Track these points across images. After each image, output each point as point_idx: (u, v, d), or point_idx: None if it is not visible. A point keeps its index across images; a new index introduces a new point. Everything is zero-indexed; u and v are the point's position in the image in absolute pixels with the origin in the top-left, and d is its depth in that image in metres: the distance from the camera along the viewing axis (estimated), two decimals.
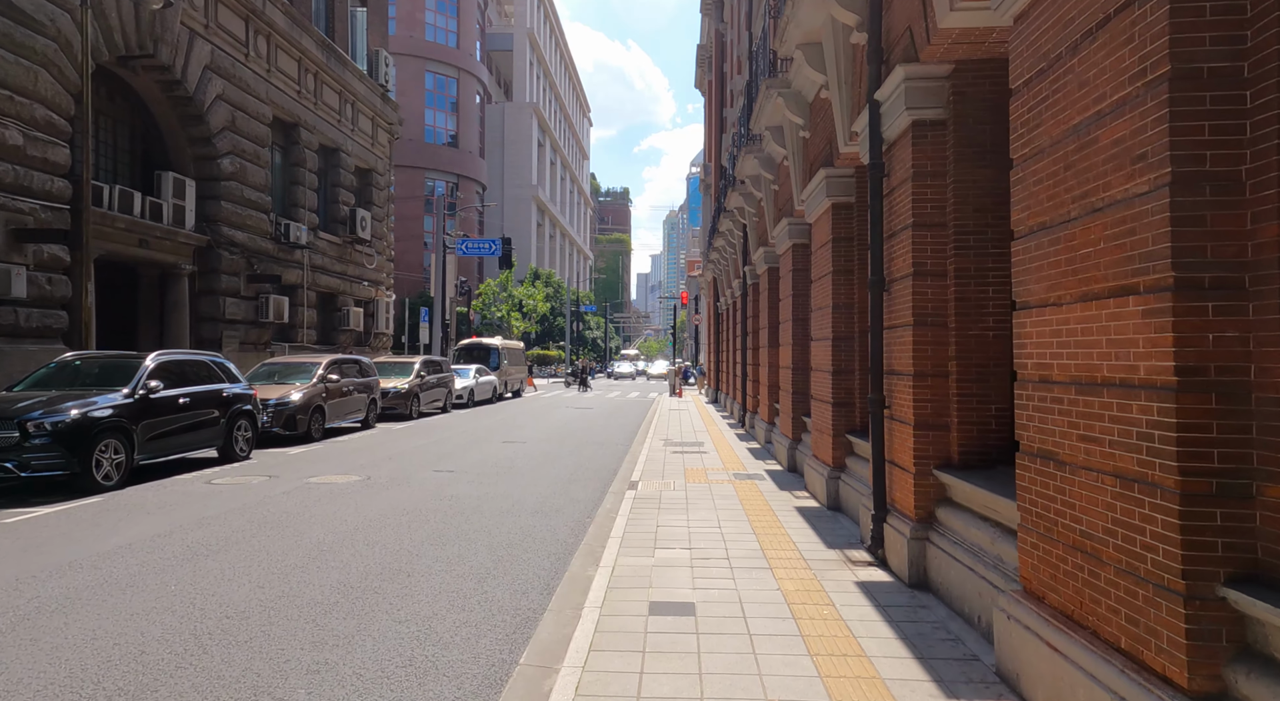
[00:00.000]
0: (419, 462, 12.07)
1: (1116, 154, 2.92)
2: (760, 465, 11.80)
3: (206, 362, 11.73)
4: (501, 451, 13.65)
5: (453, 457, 12.71)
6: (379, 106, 26.99)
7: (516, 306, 57.74)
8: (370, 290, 26.47)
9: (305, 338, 22.12)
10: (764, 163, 12.32)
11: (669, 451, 13.37)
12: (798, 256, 11.11)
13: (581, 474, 11.17)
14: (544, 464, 12.15)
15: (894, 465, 5.83)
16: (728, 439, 15.69)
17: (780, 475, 10.75)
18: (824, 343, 8.63)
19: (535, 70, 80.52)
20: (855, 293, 8.22)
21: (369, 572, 5.92)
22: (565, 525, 7.72)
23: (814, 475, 8.88)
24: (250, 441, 12.40)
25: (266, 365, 16.12)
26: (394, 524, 7.66)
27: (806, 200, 9.29)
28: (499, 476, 10.82)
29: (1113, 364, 2.94)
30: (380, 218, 27.48)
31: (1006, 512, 4.29)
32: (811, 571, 5.74)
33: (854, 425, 8.22)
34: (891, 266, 5.90)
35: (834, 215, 8.28)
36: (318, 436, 15.07)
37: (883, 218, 6.05)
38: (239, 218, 18.60)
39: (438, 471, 11.20)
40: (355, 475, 10.73)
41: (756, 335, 16.45)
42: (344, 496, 9.10)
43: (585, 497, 9.29)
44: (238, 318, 18.61)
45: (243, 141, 18.69)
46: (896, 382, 5.74)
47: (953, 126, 5.31)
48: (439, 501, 8.88)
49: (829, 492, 8.21)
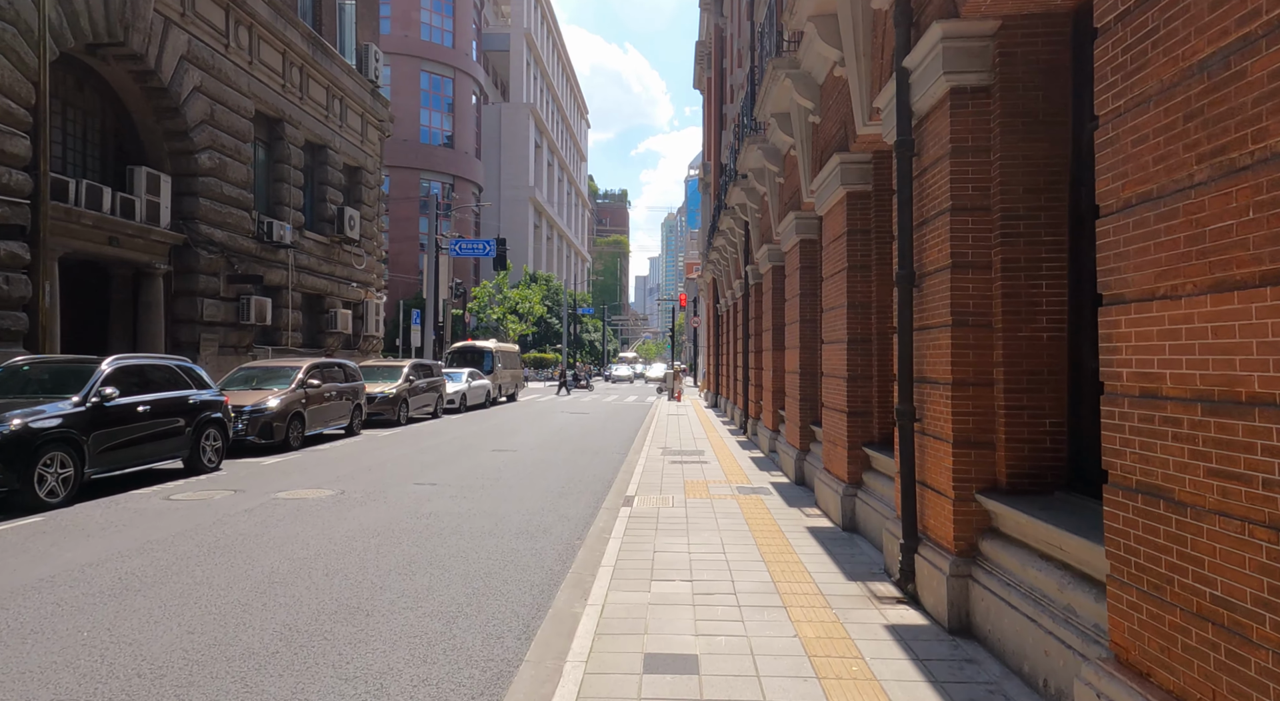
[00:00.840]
0: (400, 474, 11.28)
1: (1273, 91, 2.16)
2: (765, 477, 11.02)
3: (171, 367, 10.94)
4: (490, 461, 12.86)
5: (437, 468, 11.92)
6: (369, 103, 26.23)
7: (512, 309, 56.94)
8: (359, 291, 25.69)
9: (290, 341, 21.33)
10: (768, 154, 11.56)
11: (667, 461, 12.59)
12: (806, 253, 10.35)
13: (574, 486, 10.39)
14: (534, 475, 11.37)
15: (927, 487, 5.05)
16: (729, 447, 14.91)
17: (787, 489, 9.97)
18: (837, 346, 7.85)
19: (532, 71, 79.82)
20: (873, 290, 7.45)
21: (321, 611, 5.13)
22: (553, 549, 6.94)
23: (826, 491, 8.10)
24: (220, 451, 11.60)
25: (244, 369, 15.33)
26: (361, 548, 6.87)
27: (817, 190, 8.52)
28: (484, 489, 10.04)
29: (1268, 375, 2.16)
30: (370, 217, 26.70)
31: (1079, 553, 3.51)
32: (832, 611, 4.95)
33: (872, 437, 7.44)
34: (924, 258, 5.13)
35: (849, 205, 7.51)
36: (296, 445, 14.27)
37: (912, 203, 5.28)
38: (218, 215, 17.82)
39: (419, 484, 10.41)
40: (328, 489, 9.93)
41: (759, 337, 15.68)
42: (311, 514, 8.31)
43: (576, 515, 8.51)
44: (217, 320, 17.82)
45: (222, 136, 17.91)
46: (930, 392, 4.97)
47: (999, 93, 4.54)
48: (415, 520, 8.09)
49: (844, 512, 7.43)
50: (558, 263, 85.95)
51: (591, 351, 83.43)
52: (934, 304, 4.94)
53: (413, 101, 58.66)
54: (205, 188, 17.35)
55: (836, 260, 7.92)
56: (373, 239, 26.96)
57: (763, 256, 13.76)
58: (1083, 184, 4.34)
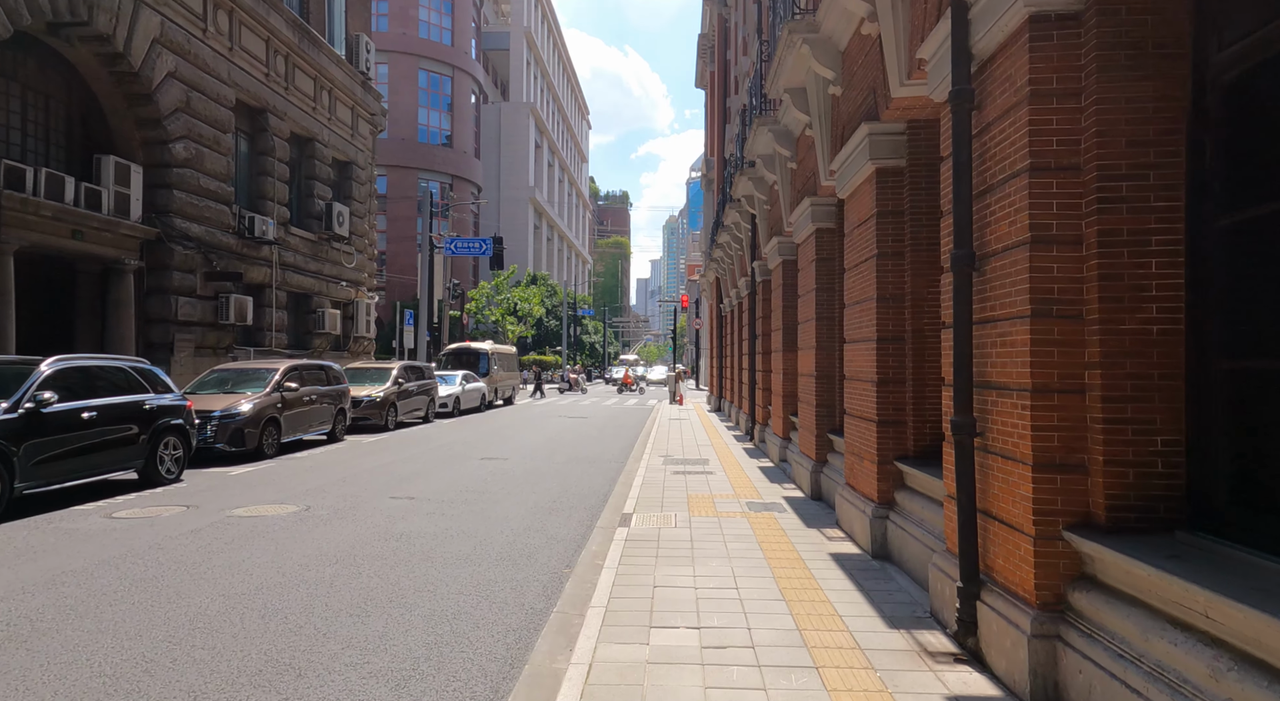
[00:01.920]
0: (377, 486, 10.30)
1: None
2: (777, 491, 10.03)
3: (124, 369, 9.96)
4: (477, 470, 11.88)
5: (419, 479, 10.94)
6: (360, 95, 25.28)
7: (511, 310, 55.99)
8: (349, 291, 24.72)
9: (274, 342, 20.36)
10: (780, 136, 10.58)
11: (669, 471, 11.61)
12: (823, 243, 9.37)
13: (566, 500, 9.40)
14: (524, 487, 10.39)
15: (993, 519, 4.06)
16: (735, 455, 13.92)
17: (803, 505, 8.98)
18: (864, 345, 6.87)
19: (532, 70, 78.98)
20: (906, 281, 6.46)
21: (243, 670, 4.15)
22: (536, 580, 5.96)
23: (851, 511, 7.11)
24: (181, 461, 10.62)
25: (217, 372, 14.36)
26: (313, 579, 5.88)
27: (839, 170, 7.54)
28: (467, 504, 9.05)
29: None
30: (361, 214, 25.74)
31: (1243, 627, 2.53)
32: (876, 674, 3.96)
33: (905, 450, 6.45)
34: (987, 234, 4.15)
35: (878, 184, 6.53)
36: (271, 453, 13.29)
37: (971, 167, 4.30)
38: (195, 209, 16.86)
39: (395, 498, 9.43)
40: (293, 504, 8.95)
41: (768, 338, 14.69)
42: (266, 536, 7.33)
43: (567, 535, 7.53)
44: (193, 319, 16.85)
45: (199, 125, 16.95)
46: (999, 401, 3.98)
47: (1095, 19, 3.56)
48: (383, 543, 7.11)
49: (873, 536, 6.44)
50: (558, 264, 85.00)
51: (592, 353, 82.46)
52: (1003, 290, 3.96)
53: (411, 100, 57.74)
54: (180, 179, 16.39)
55: (863, 247, 6.94)
56: (364, 237, 26.00)
57: (772, 250, 12.78)
58: (1207, 133, 3.36)
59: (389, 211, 55.33)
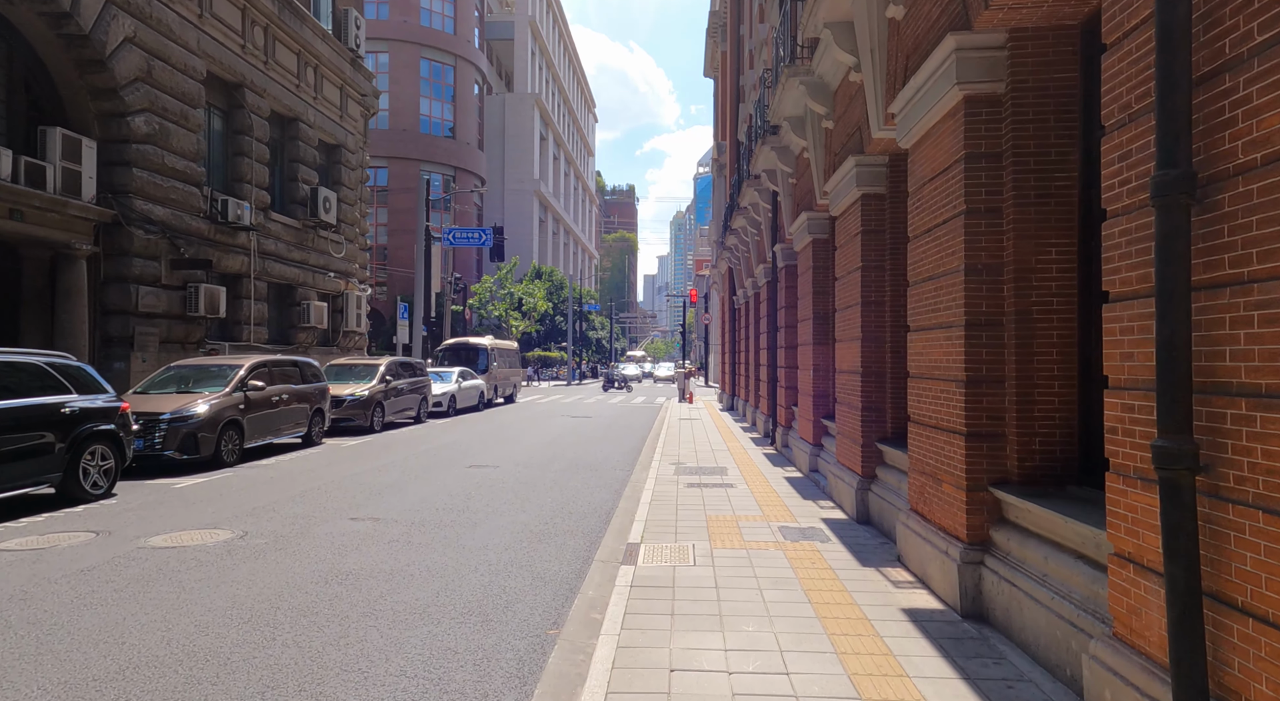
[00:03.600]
0: (340, 501, 8.74)
1: None
2: (812, 510, 8.41)
3: (39, 366, 8.42)
4: (462, 481, 10.31)
5: (392, 493, 9.37)
6: (349, 74, 23.70)
7: (515, 305, 54.42)
8: (338, 282, 23.18)
9: (253, 336, 18.83)
10: (814, 90, 8.94)
11: (682, 483, 10.01)
12: (870, 213, 7.74)
13: (561, 521, 7.82)
14: (513, 502, 8.81)
15: (1239, 613, 2.44)
16: (756, 463, 12.30)
17: (848, 531, 7.36)
18: (945, 333, 5.25)
19: (537, 60, 77.40)
20: (1007, 246, 4.83)
21: None
22: (509, 651, 4.37)
23: (923, 549, 5.49)
24: (111, 473, 9.08)
25: (175, 369, 12.82)
26: (205, 651, 4.31)
27: (904, 111, 5.92)
28: (441, 527, 7.48)
29: None
30: (351, 201, 24.18)
31: None
32: None
33: (1005, 473, 4.83)
34: (1216, 144, 2.52)
35: (968, 118, 4.90)
36: (231, 460, 11.74)
37: (1189, 33, 2.67)
38: (159, 190, 15.31)
39: (355, 519, 7.86)
40: (229, 529, 7.39)
41: (792, 330, 13.07)
42: (174, 577, 5.76)
43: (558, 573, 5.95)
44: (157, 311, 15.32)
45: (163, 97, 15.40)
46: (1259, 416, 2.36)
47: None
48: (321, 587, 5.53)
49: (963, 587, 4.82)
50: (564, 259, 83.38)
51: (599, 349, 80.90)
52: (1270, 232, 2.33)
53: (412, 90, 56.18)
54: (141, 156, 14.85)
55: (940, 206, 5.32)
56: (354, 225, 24.44)
57: (799, 229, 11.15)
58: None
59: (390, 204, 53.96)
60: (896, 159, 7.56)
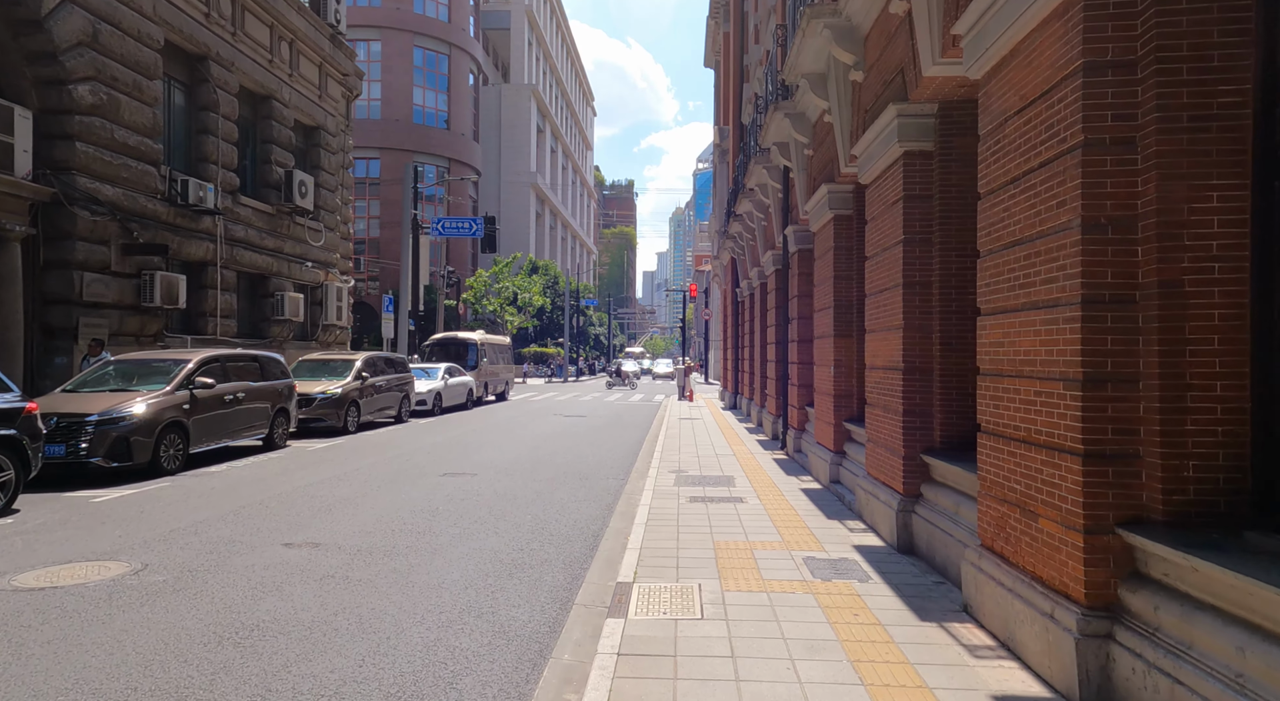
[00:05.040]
0: (277, 522, 7.35)
1: None
2: (841, 533, 7.02)
3: None
4: (430, 493, 8.93)
5: (343, 509, 7.99)
6: (328, 51, 22.24)
7: (511, 299, 52.97)
8: (316, 272, 21.76)
9: (220, 329, 17.43)
10: (840, 35, 7.53)
11: (684, 496, 8.64)
12: (916, 172, 6.35)
13: (538, 548, 6.44)
14: (484, 522, 7.43)
15: None
16: (766, 470, 10.93)
17: (889, 563, 5.97)
18: (1044, 317, 3.86)
19: (534, 51, 75.83)
20: (1152, 189, 3.44)
21: None
22: None
23: (1014, 609, 4.10)
24: (11, 486, 7.70)
25: (115, 364, 11.41)
26: None
27: (972, 34, 4.52)
28: (392, 556, 6.10)
29: None
30: (332, 186, 22.75)
31: None
32: None
33: (1139, 509, 3.45)
34: None
35: (1087, 9, 3.51)
36: (173, 467, 10.34)
37: None
38: (107, 167, 13.90)
39: (290, 545, 6.49)
40: (126, 561, 6.00)
41: (806, 322, 11.68)
42: (9, 640, 4.38)
43: (525, 627, 4.58)
44: (106, 300, 13.91)
45: (113, 66, 13.98)
46: None
47: None
48: (206, 654, 4.15)
49: (1082, 671, 3.43)
50: (562, 253, 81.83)
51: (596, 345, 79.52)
52: None
53: (405, 79, 54.66)
54: (87, 130, 13.43)
55: (1039, 143, 3.93)
56: (335, 212, 23.02)
57: (817, 205, 9.76)
58: None
59: (383, 195, 52.60)
60: (949, 108, 6.17)
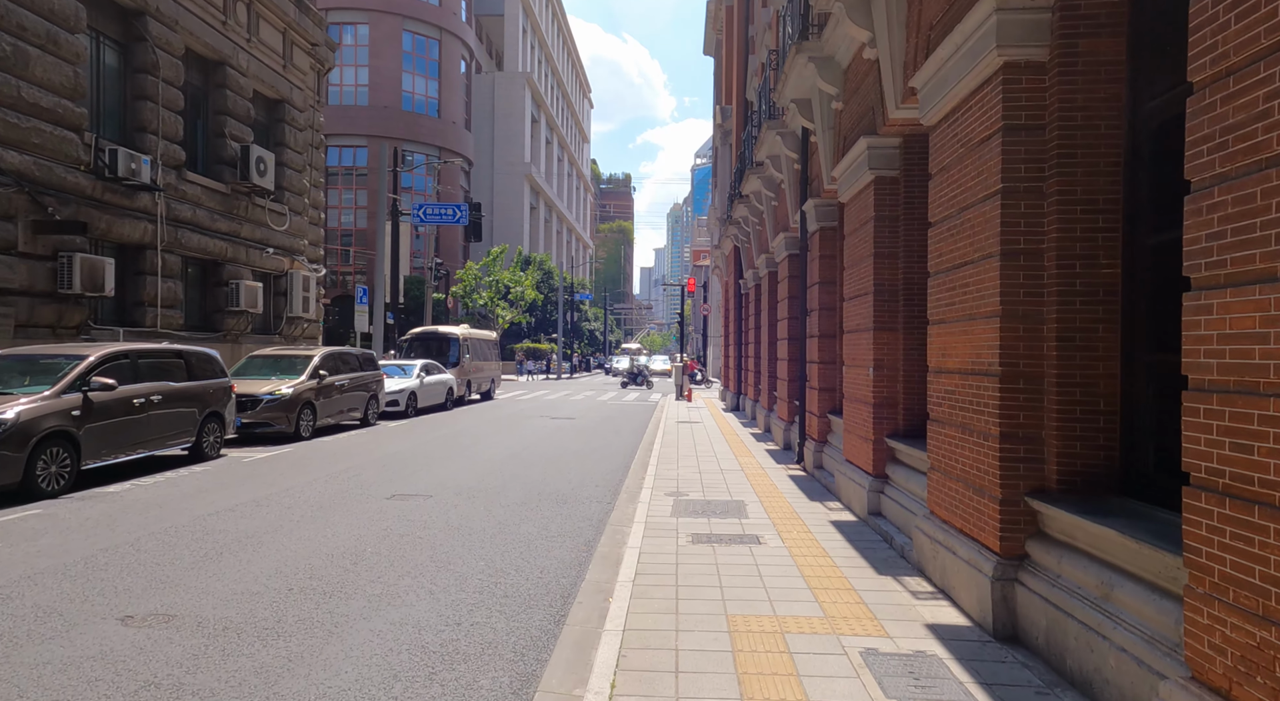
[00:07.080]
0: (135, 576, 5.43)
1: None
2: (901, 598, 5.11)
3: None
4: (365, 526, 7.02)
5: (238, 552, 6.07)
6: (293, 17, 20.24)
7: (502, 293, 50.99)
8: (279, 259, 19.80)
9: (162, 320, 15.49)
10: None
11: (684, 533, 6.74)
12: (1019, 93, 4.45)
13: (480, 624, 4.50)
14: (420, 573, 5.51)
15: None
16: (783, 491, 9.02)
17: (992, 665, 4.06)
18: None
19: (529, 39, 73.70)
20: None
21: None
22: None
23: None
24: None
25: None
26: None
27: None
28: (266, 641, 4.16)
29: None
30: (299, 166, 20.78)
31: None
32: None
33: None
34: None
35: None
36: (55, 487, 8.41)
37: None
38: (13, 131, 11.94)
39: (128, 619, 4.57)
40: None
41: (830, 313, 9.77)
42: None
43: None
44: (13, 286, 11.97)
45: (19, 12, 12.02)
46: None
47: None
48: None
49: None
50: (557, 247, 79.76)
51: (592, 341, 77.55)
52: None
53: (394, 64, 52.61)
54: None
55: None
56: (303, 194, 21.05)
57: (852, 167, 7.85)
58: None
59: (370, 185, 50.63)
60: None
